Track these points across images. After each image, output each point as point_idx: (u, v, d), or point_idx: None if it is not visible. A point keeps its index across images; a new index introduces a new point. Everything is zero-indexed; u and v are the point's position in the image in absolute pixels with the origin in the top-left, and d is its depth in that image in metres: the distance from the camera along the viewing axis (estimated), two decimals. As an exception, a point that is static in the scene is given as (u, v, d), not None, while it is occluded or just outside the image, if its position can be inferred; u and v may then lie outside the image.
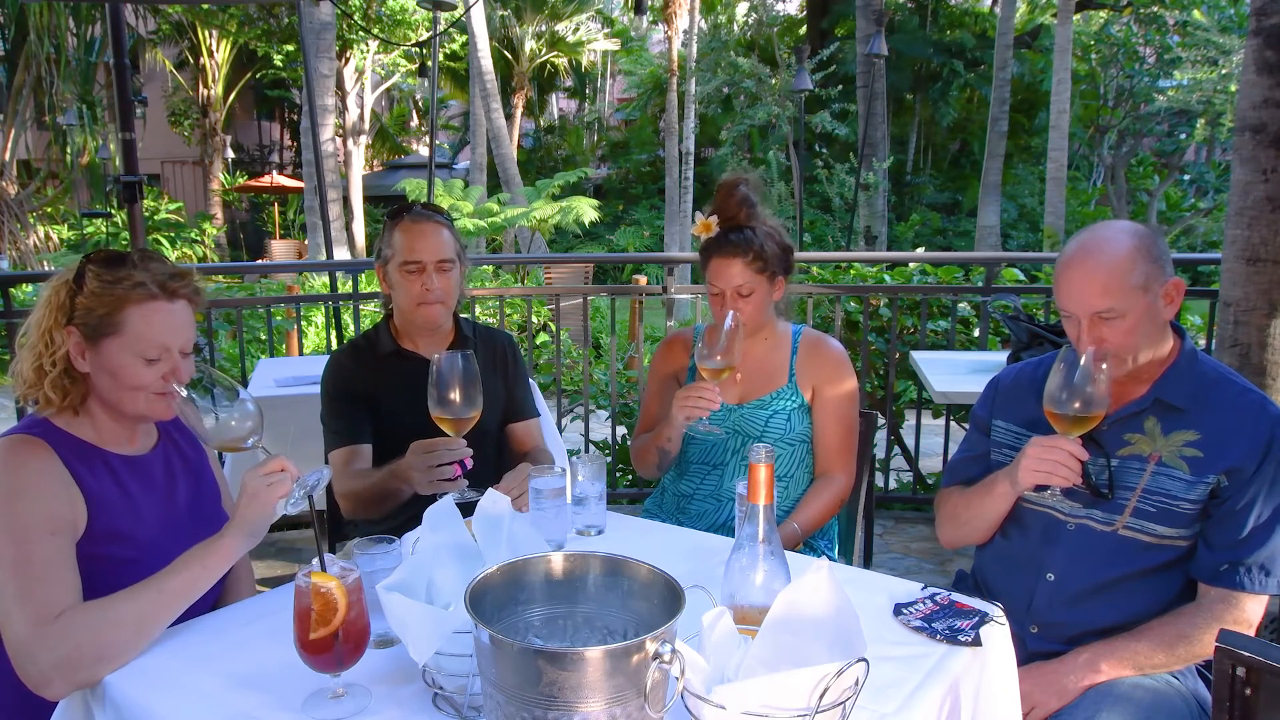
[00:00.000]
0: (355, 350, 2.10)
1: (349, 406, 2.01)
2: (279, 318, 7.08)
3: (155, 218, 17.96)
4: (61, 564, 1.28)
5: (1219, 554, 1.49)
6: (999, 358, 3.41)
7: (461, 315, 2.15)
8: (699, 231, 2.04)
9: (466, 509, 1.34)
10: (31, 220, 14.33)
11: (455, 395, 1.57)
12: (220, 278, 12.01)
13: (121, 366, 1.40)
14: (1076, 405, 1.43)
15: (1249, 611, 1.48)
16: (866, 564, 2.36)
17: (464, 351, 1.60)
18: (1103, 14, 17.51)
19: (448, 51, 20.20)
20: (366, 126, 19.83)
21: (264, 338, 6.61)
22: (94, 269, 1.40)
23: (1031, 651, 1.58)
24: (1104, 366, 1.43)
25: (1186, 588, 1.56)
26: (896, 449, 4.52)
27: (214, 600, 1.52)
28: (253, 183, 21.16)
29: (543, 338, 7.78)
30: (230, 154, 21.64)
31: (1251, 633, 1.49)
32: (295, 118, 22.02)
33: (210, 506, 1.59)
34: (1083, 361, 1.42)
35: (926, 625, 1.30)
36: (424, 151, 23.45)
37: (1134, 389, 1.57)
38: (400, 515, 1.90)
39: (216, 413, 1.26)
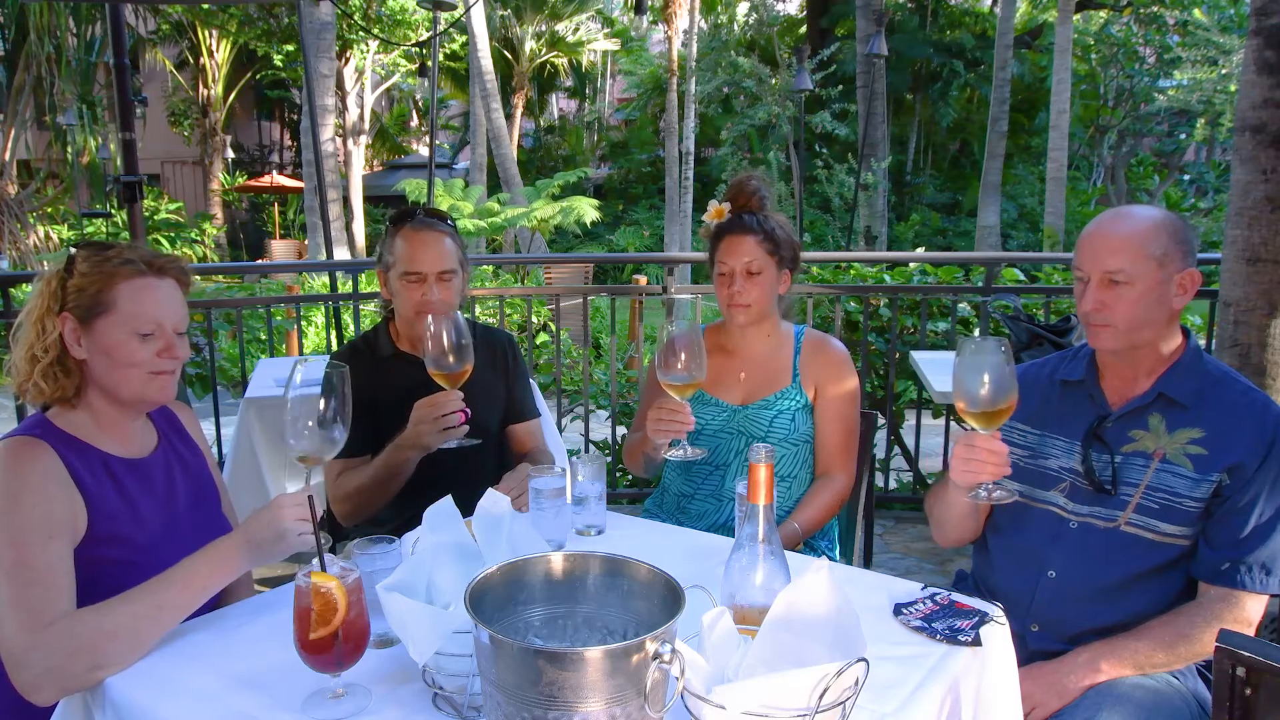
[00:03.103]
0: (354, 353, 2.10)
1: None
2: (279, 318, 7.08)
3: (155, 218, 17.96)
4: (58, 569, 1.28)
5: (1220, 553, 1.49)
6: (999, 358, 3.40)
7: (461, 316, 2.14)
8: (711, 217, 2.05)
9: (466, 508, 1.34)
10: (31, 220, 14.33)
11: (450, 353, 1.70)
12: (220, 278, 12.01)
13: (116, 344, 1.40)
14: (988, 398, 1.35)
15: (1249, 610, 1.48)
16: (866, 564, 2.36)
17: (453, 314, 1.73)
18: (1103, 14, 17.51)
19: (448, 51, 20.19)
20: (366, 126, 19.83)
21: (264, 338, 6.61)
22: (84, 253, 1.42)
23: (1032, 650, 1.58)
24: (1003, 349, 1.34)
25: (1187, 588, 1.56)
26: (896, 449, 4.51)
27: (214, 601, 1.52)
28: (253, 183, 21.15)
29: (543, 338, 7.78)
30: (230, 154, 21.63)
31: (1251, 632, 1.49)
32: (295, 118, 22.02)
33: (210, 510, 1.59)
34: (981, 353, 1.35)
35: (926, 625, 1.30)
36: (424, 151, 23.45)
37: (1138, 384, 1.58)
38: (400, 515, 1.90)
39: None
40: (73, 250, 1.44)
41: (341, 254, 13.50)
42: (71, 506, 1.33)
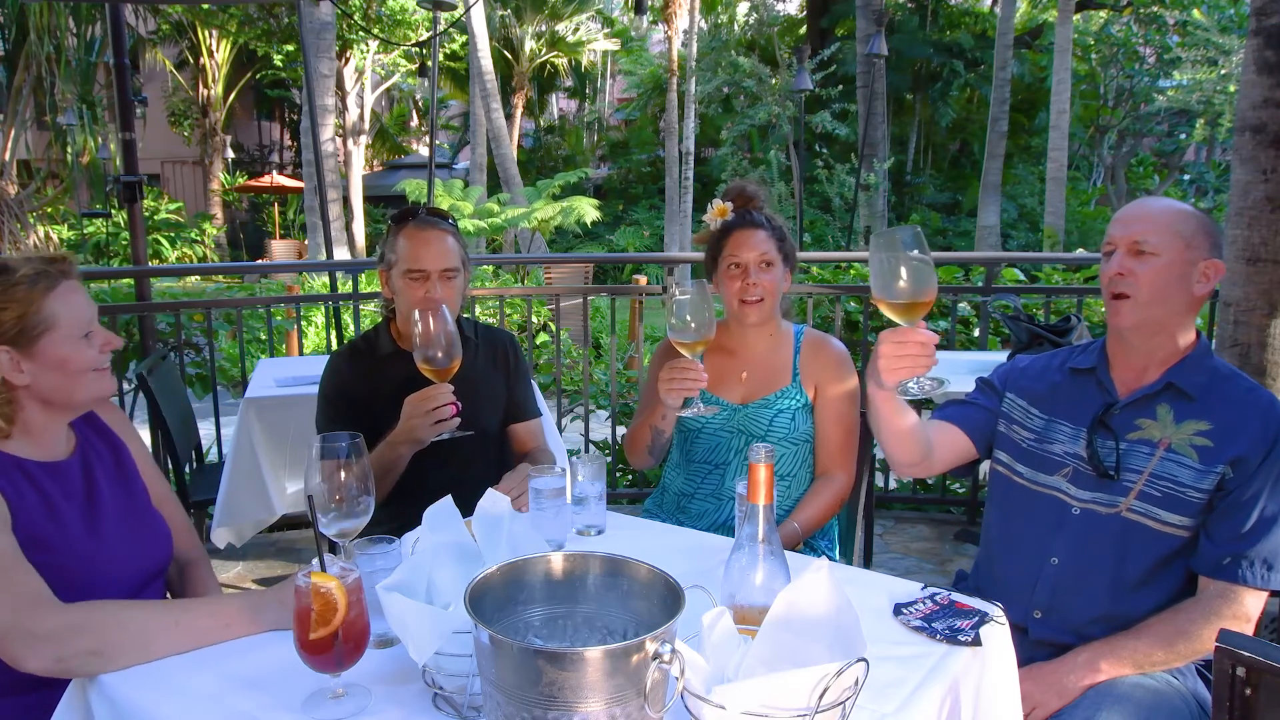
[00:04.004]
0: (354, 352, 2.10)
1: (343, 414, 2.00)
2: (279, 318, 7.09)
3: (155, 218, 17.97)
4: (21, 555, 1.29)
5: (1221, 547, 1.50)
6: (999, 358, 3.41)
7: (463, 315, 2.15)
8: (715, 216, 2.06)
9: (466, 507, 1.34)
10: (31, 220, 14.32)
11: (439, 347, 1.72)
12: (220, 278, 12.04)
13: (68, 356, 1.41)
14: (904, 288, 1.30)
15: (1248, 607, 1.48)
16: (866, 564, 2.36)
17: (440, 308, 1.73)
18: (1103, 14, 17.52)
19: (448, 51, 20.19)
20: (366, 126, 19.83)
21: (264, 338, 6.61)
22: None
23: (1034, 639, 1.60)
24: (918, 237, 1.29)
25: (1187, 586, 1.56)
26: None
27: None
28: (253, 183, 21.17)
29: (543, 338, 7.78)
30: (230, 154, 21.65)
31: (1251, 629, 1.49)
32: (295, 118, 22.02)
33: (138, 505, 1.58)
34: (896, 244, 1.30)
35: (926, 625, 1.30)
36: (424, 151, 23.45)
37: (1147, 374, 1.60)
38: (400, 515, 1.90)
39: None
40: None
41: (341, 254, 13.50)
42: (2, 511, 1.33)
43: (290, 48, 17.97)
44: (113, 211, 15.33)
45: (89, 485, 1.50)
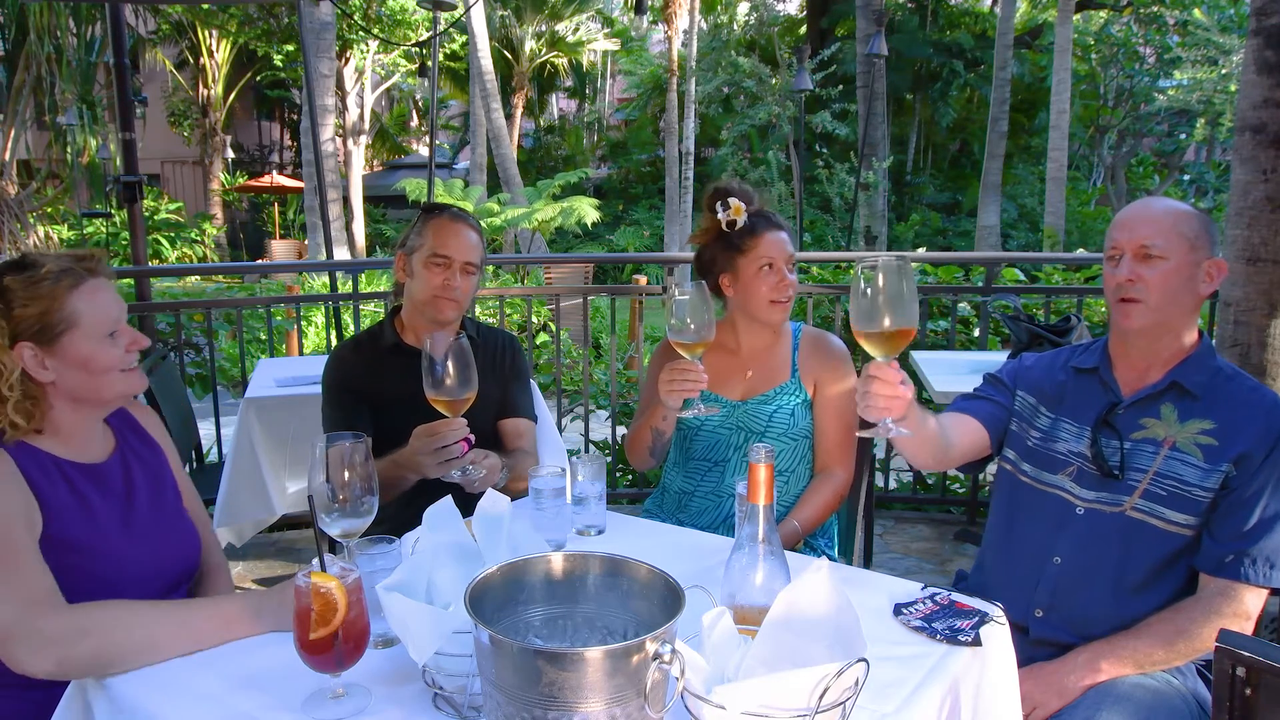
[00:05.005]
0: (357, 345, 2.13)
1: (346, 405, 2.03)
2: (279, 318, 7.09)
3: (155, 218, 17.97)
4: (39, 556, 1.29)
5: (1223, 545, 1.50)
6: (999, 358, 3.41)
7: (465, 315, 2.16)
8: (734, 215, 2.05)
9: (466, 507, 1.34)
10: (31, 220, 14.32)
11: (450, 377, 1.60)
12: (220, 278, 12.06)
13: (91, 354, 1.40)
14: (886, 322, 1.28)
15: (1248, 605, 1.48)
16: (866, 564, 2.36)
17: (456, 334, 1.64)
18: (1103, 14, 17.52)
19: (448, 51, 20.19)
20: (366, 126, 19.83)
21: (264, 338, 6.61)
22: (11, 279, 1.38)
23: (1035, 639, 1.60)
24: (904, 269, 1.27)
25: (1189, 585, 1.56)
26: (896, 449, 4.50)
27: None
28: (253, 183, 21.16)
29: (543, 338, 7.78)
30: (230, 154, 21.63)
31: (1250, 626, 1.49)
32: (295, 118, 22.01)
33: (170, 508, 1.57)
34: (879, 274, 1.27)
35: (926, 625, 1.30)
36: (424, 151, 23.45)
37: (1150, 374, 1.60)
38: (400, 515, 1.90)
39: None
40: None
41: (341, 254, 13.49)
42: (29, 509, 1.33)
43: (290, 48, 17.96)
44: (113, 211, 15.33)
45: (128, 486, 1.50)
